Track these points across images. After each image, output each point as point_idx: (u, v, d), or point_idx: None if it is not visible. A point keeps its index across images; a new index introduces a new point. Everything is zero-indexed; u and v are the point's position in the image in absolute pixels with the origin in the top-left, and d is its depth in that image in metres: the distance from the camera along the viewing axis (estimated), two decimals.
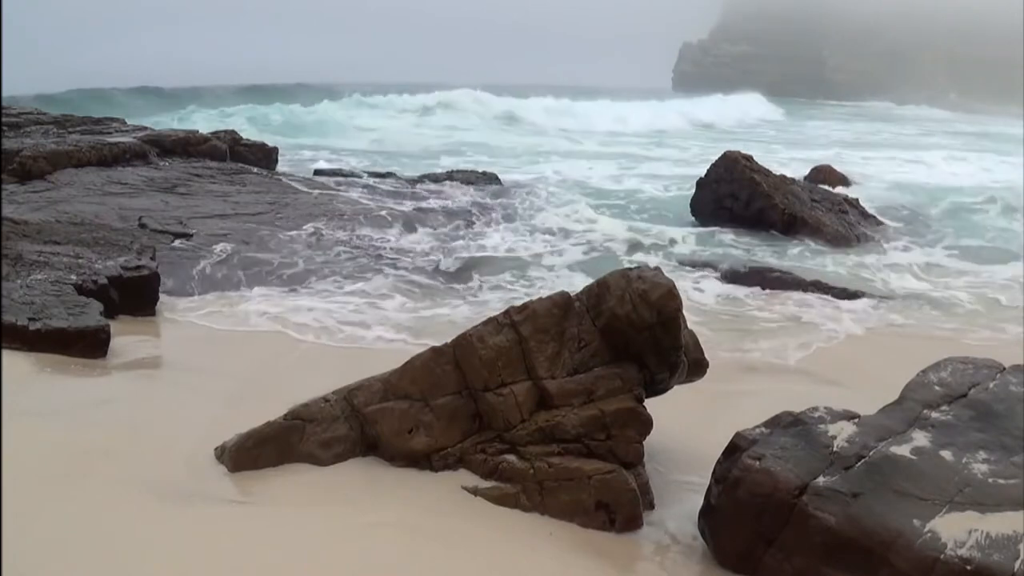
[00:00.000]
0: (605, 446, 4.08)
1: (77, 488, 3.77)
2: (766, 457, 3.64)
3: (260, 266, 8.81)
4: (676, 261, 10.09)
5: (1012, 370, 4.29)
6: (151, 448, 4.27)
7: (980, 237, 12.13)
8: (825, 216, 12.20)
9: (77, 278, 6.88)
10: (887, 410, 4.00)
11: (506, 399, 4.13)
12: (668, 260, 10.04)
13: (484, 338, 4.21)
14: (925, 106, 66.87)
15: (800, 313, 7.95)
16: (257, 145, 15.78)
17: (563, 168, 18.49)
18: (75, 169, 11.90)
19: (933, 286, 9.29)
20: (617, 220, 12.36)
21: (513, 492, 4.03)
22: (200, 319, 6.99)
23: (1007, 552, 3.10)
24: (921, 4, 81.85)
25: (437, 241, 10.56)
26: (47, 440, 4.23)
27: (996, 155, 24.25)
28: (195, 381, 5.54)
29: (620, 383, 4.17)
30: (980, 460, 3.60)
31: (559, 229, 11.63)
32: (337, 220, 11.05)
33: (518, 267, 9.43)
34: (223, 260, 8.87)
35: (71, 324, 5.93)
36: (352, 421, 4.26)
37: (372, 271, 8.94)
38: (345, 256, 9.51)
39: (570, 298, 4.35)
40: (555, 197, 14.09)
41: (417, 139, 24.90)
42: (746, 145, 17.54)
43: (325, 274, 8.70)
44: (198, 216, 10.56)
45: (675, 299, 4.17)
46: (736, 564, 3.68)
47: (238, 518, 3.70)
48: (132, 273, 7.35)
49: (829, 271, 9.78)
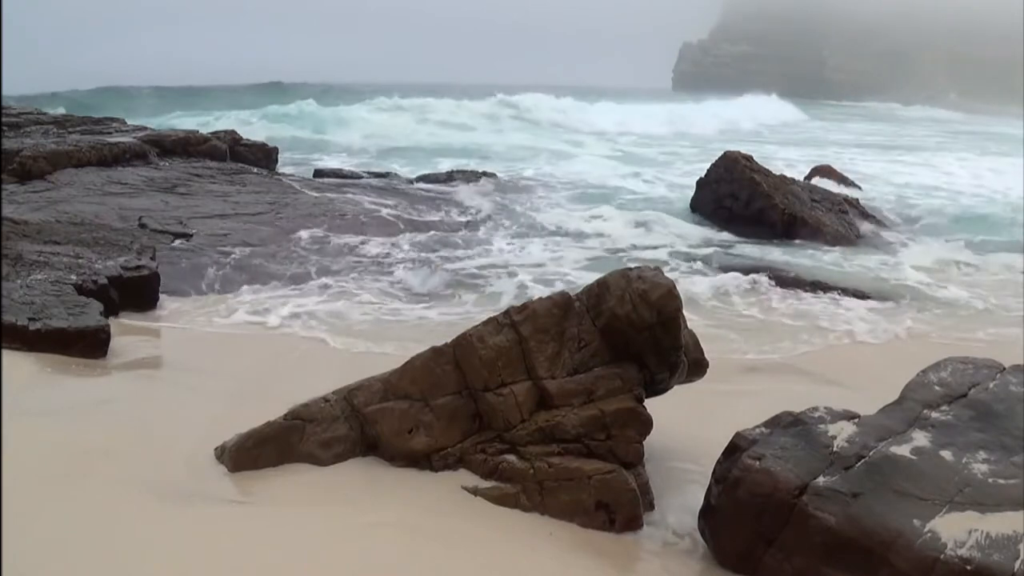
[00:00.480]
0: (605, 446, 4.08)
1: (77, 488, 3.77)
2: (766, 457, 3.64)
3: (260, 266, 8.81)
4: (676, 261, 10.09)
5: (1012, 370, 4.29)
6: (151, 448, 4.27)
7: (981, 237, 12.12)
8: (825, 216, 12.20)
9: (77, 278, 6.89)
10: (887, 410, 3.99)
11: (506, 399, 4.13)
12: (668, 260, 10.04)
13: (484, 338, 4.21)
14: (927, 107, 66.85)
15: (800, 313, 7.94)
16: (257, 145, 15.81)
17: (565, 169, 18.48)
18: (75, 169, 11.91)
19: (933, 286, 9.28)
20: (617, 220, 12.36)
21: (513, 492, 4.03)
22: (200, 319, 6.99)
23: (1007, 552, 3.10)
24: (921, 4, 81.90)
25: (435, 241, 10.55)
26: (47, 440, 4.23)
27: (997, 157, 24.21)
28: (195, 381, 5.54)
29: (620, 383, 4.17)
30: (980, 460, 3.60)
31: (557, 228, 11.64)
32: (337, 220, 11.06)
33: (516, 268, 9.41)
34: (223, 260, 8.87)
35: (71, 324, 5.93)
36: (352, 421, 4.26)
37: (371, 271, 8.94)
38: (344, 257, 9.51)
39: (570, 298, 4.35)
40: (556, 198, 14.11)
41: (426, 138, 24.74)
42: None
43: (325, 274, 8.70)
44: (198, 216, 10.56)
45: (675, 299, 4.17)
46: (736, 564, 3.68)
47: (238, 518, 3.70)
48: (132, 273, 7.35)
49: (829, 271, 9.78)
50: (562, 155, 22.16)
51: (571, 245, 10.77)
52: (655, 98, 45.49)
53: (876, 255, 10.83)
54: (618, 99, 39.73)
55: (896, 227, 12.75)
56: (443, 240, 10.63)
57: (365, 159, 19.57)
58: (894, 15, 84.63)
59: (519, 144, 24.44)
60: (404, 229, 11.02)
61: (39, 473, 3.86)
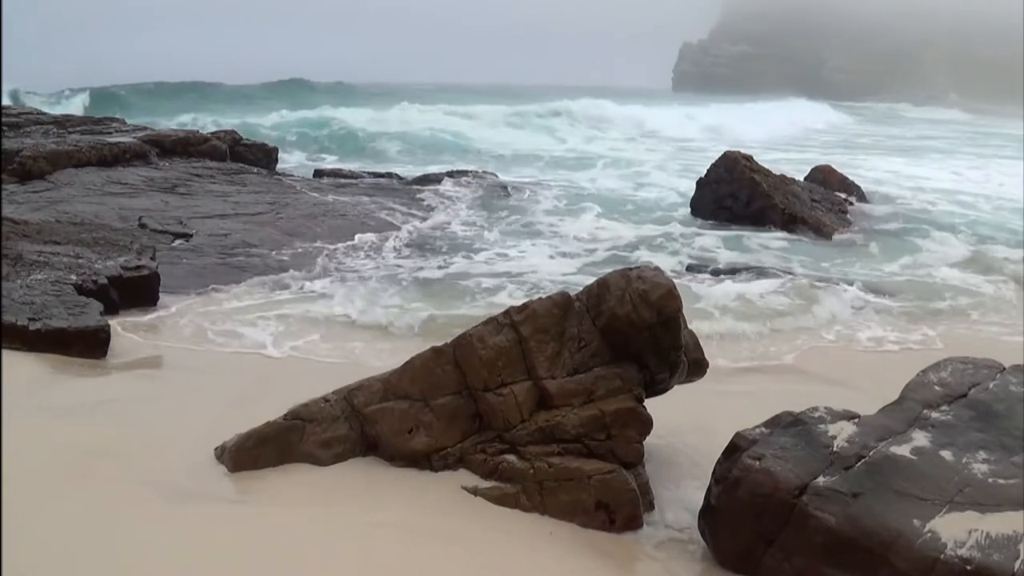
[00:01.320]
0: (605, 446, 4.08)
1: (77, 488, 3.78)
2: (766, 457, 3.64)
3: (260, 266, 8.82)
4: (675, 261, 10.08)
5: (1012, 370, 4.29)
6: (151, 448, 4.27)
7: (982, 238, 12.12)
8: (825, 216, 12.21)
9: (77, 278, 6.89)
10: (887, 410, 4.00)
11: (506, 399, 4.13)
12: (667, 260, 10.03)
13: (484, 338, 4.21)
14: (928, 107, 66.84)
15: (800, 313, 7.94)
16: (257, 145, 15.81)
17: (568, 169, 18.40)
18: (75, 169, 11.91)
19: (934, 286, 9.28)
20: (617, 220, 12.36)
21: (513, 492, 4.03)
22: (200, 319, 6.99)
23: (1007, 552, 3.10)
24: (921, 4, 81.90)
25: (434, 242, 10.55)
26: (47, 440, 4.23)
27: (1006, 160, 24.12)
28: (195, 381, 5.54)
29: (620, 383, 4.17)
30: (980, 460, 3.60)
31: (556, 228, 11.63)
32: (337, 220, 11.06)
33: (513, 269, 9.40)
34: (223, 260, 8.87)
35: (71, 324, 5.93)
36: (352, 421, 4.26)
37: (370, 272, 8.93)
38: (344, 257, 9.51)
39: (570, 298, 4.35)
40: (557, 197, 14.10)
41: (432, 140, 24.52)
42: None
43: (324, 274, 8.69)
44: (198, 216, 10.57)
45: (675, 299, 4.17)
46: (736, 564, 3.68)
47: (238, 518, 3.70)
48: (132, 273, 7.35)
49: (829, 271, 9.78)
50: (575, 156, 21.75)
51: (569, 245, 10.76)
52: (663, 99, 44.64)
53: (877, 256, 10.82)
54: (623, 100, 39.13)
55: (899, 228, 12.73)
56: (441, 240, 10.63)
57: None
58: (894, 15, 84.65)
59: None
60: (404, 229, 11.01)
61: (39, 473, 3.86)
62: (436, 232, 11.05)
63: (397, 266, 9.19)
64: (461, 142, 24.21)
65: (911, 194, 16.06)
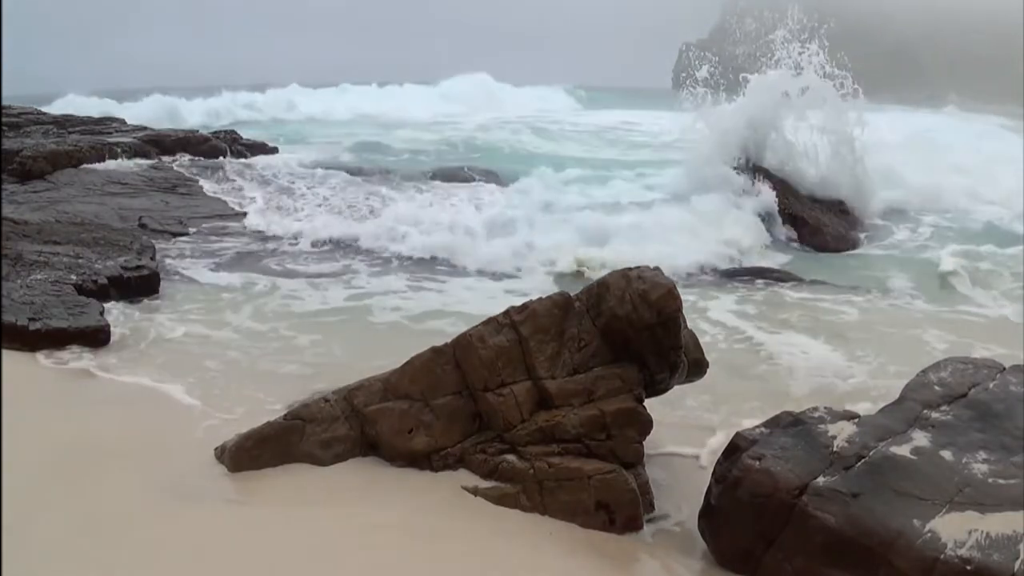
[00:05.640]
0: (605, 446, 4.08)
1: (76, 488, 3.78)
2: (766, 457, 3.64)
3: (260, 266, 8.82)
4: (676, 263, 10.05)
5: (1012, 370, 4.29)
6: (151, 448, 4.28)
7: (983, 238, 12.10)
8: (825, 216, 12.19)
9: (77, 278, 6.90)
10: (887, 410, 3.99)
11: (506, 399, 4.13)
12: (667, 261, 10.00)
13: (484, 338, 4.21)
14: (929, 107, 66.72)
15: (799, 312, 7.94)
16: (257, 144, 15.82)
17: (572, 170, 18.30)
18: (75, 169, 11.93)
19: (934, 286, 9.27)
20: None
21: (513, 492, 4.03)
22: (200, 319, 6.99)
23: (1007, 552, 3.10)
24: (922, 4, 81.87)
25: (436, 242, 10.52)
26: (47, 440, 4.23)
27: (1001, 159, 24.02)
28: (195, 381, 5.54)
29: (620, 383, 4.17)
30: (980, 460, 3.59)
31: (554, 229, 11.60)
32: (337, 219, 11.05)
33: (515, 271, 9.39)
34: (223, 260, 8.87)
35: (71, 324, 5.94)
36: (352, 421, 4.26)
37: (370, 272, 8.93)
38: (344, 256, 9.52)
39: (570, 298, 4.35)
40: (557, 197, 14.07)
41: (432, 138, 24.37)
42: None
43: (323, 274, 8.70)
44: (198, 216, 10.58)
45: (675, 299, 4.17)
46: (736, 564, 3.68)
47: (238, 518, 3.70)
48: (132, 273, 7.36)
49: (829, 271, 9.77)
50: (580, 158, 21.37)
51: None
52: (663, 99, 44.09)
53: (877, 256, 10.82)
54: (628, 99, 38.51)
55: (899, 228, 12.72)
56: (439, 241, 10.59)
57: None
58: (894, 14, 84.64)
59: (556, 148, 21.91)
60: (404, 229, 10.99)
61: (39, 473, 3.87)
62: (436, 232, 10.98)
63: (397, 265, 9.19)
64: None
65: (903, 190, 16.01)
